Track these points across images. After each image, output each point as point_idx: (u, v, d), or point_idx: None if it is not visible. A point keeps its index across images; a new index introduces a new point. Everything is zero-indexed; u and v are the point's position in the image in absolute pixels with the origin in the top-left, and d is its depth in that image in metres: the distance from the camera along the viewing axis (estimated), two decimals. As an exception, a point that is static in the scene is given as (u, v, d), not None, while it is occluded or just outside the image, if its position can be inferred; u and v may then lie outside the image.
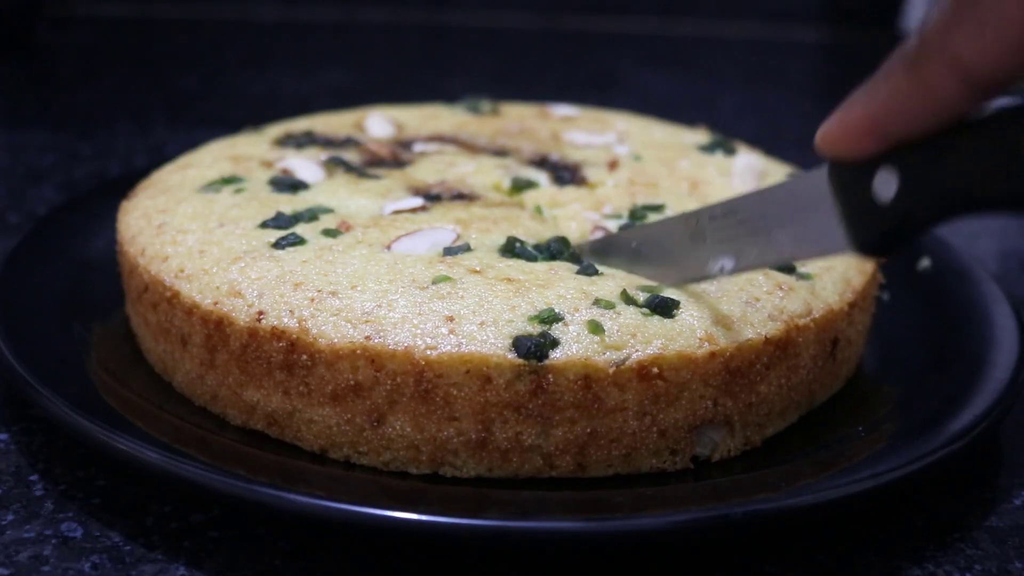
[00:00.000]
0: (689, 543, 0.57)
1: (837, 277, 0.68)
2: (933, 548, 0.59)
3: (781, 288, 0.64)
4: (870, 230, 0.50)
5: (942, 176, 0.46)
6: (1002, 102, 0.44)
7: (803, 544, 0.58)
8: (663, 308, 0.60)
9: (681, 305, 0.61)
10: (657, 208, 0.73)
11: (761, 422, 0.63)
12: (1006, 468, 0.67)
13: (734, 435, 0.61)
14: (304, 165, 0.76)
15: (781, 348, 0.62)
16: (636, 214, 0.72)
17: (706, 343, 0.59)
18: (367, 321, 0.59)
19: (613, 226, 0.71)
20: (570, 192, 0.76)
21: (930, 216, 0.48)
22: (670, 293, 0.62)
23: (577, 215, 0.72)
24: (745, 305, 0.62)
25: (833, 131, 0.49)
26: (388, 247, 0.65)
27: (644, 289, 0.62)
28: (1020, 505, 0.63)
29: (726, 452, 0.62)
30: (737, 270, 0.59)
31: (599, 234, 0.70)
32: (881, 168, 0.48)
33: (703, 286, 0.63)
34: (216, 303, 0.62)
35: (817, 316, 0.64)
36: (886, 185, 0.48)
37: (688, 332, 0.59)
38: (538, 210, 0.73)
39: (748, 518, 0.54)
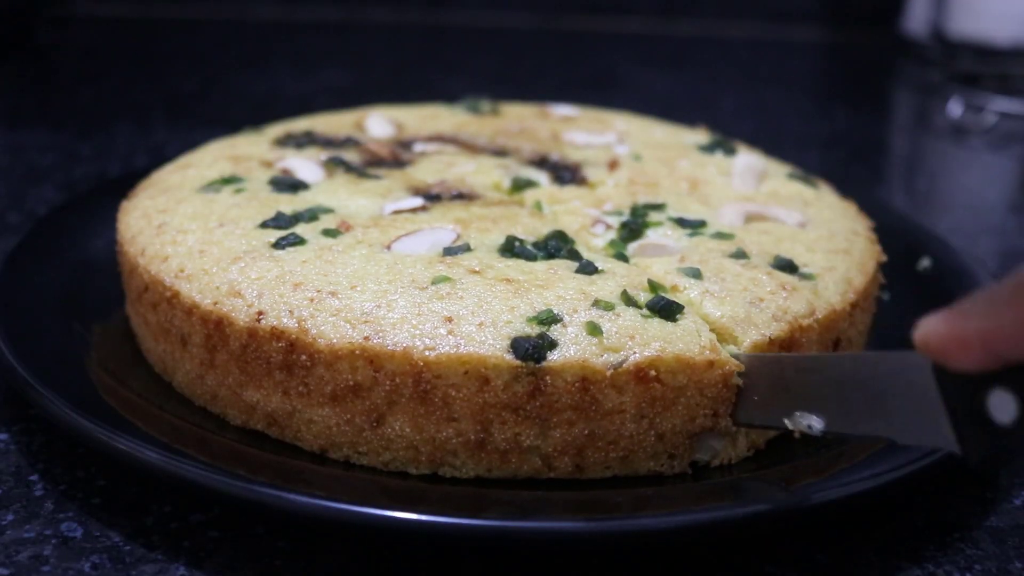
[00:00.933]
0: (689, 543, 0.57)
1: (839, 277, 0.68)
2: (933, 548, 0.59)
3: (784, 288, 0.64)
4: (984, 446, 0.47)
5: None
6: None
7: (803, 544, 0.58)
8: (666, 311, 0.60)
9: (685, 310, 0.61)
10: (658, 207, 0.73)
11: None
12: (1006, 468, 0.67)
13: (736, 443, 0.61)
14: (304, 165, 0.76)
15: (785, 348, 0.62)
16: (637, 212, 0.72)
17: (707, 351, 0.58)
18: (366, 321, 0.59)
19: (614, 222, 0.71)
20: (570, 191, 0.76)
21: None
22: (675, 297, 0.62)
23: (577, 211, 0.72)
24: (749, 305, 0.62)
25: (940, 337, 0.45)
26: (388, 247, 0.65)
27: (651, 287, 0.62)
28: (1020, 505, 0.63)
29: (727, 459, 0.61)
30: (827, 432, 0.55)
31: (600, 228, 0.70)
32: (996, 388, 0.46)
33: (707, 284, 0.63)
34: (216, 303, 0.62)
35: (820, 316, 0.64)
36: (1003, 407, 0.46)
37: (689, 337, 0.59)
38: (538, 206, 0.73)
39: (748, 518, 0.54)
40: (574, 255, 0.65)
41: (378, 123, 0.87)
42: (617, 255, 0.67)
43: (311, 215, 0.69)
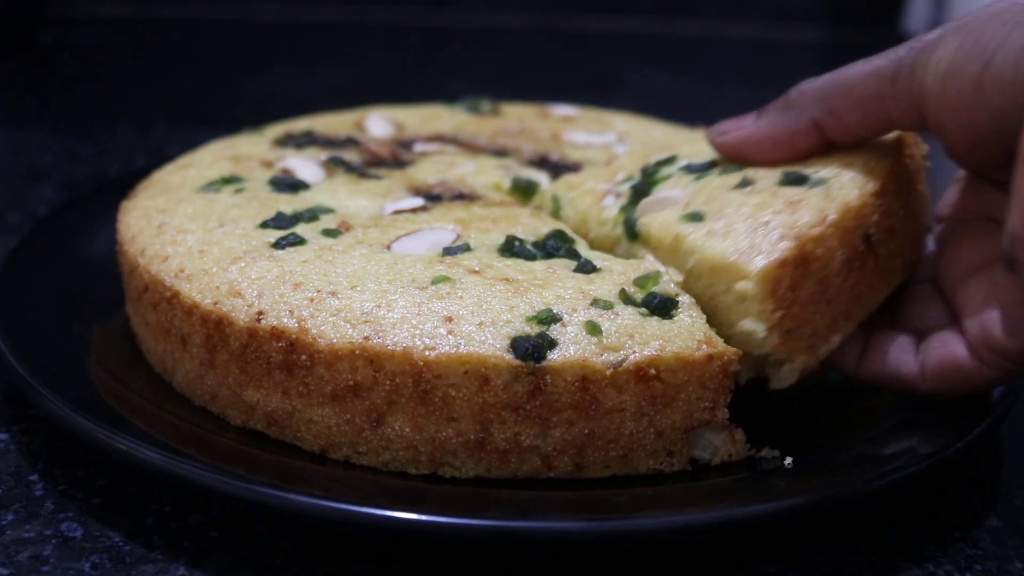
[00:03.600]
0: (689, 543, 0.57)
1: (857, 170, 0.63)
2: (933, 548, 0.59)
3: (791, 204, 0.62)
4: None
5: None
6: None
7: (803, 544, 0.58)
8: (662, 308, 0.60)
9: (680, 305, 0.60)
10: (669, 161, 0.70)
11: (809, 344, 0.61)
12: (1006, 468, 0.67)
13: (735, 439, 0.61)
14: (304, 165, 0.77)
15: (801, 265, 0.59)
16: (647, 172, 0.70)
17: (704, 345, 0.58)
18: (366, 321, 0.59)
19: (625, 189, 0.69)
20: (586, 173, 0.74)
21: None
22: (667, 290, 0.62)
23: (592, 190, 0.71)
24: (753, 233, 0.60)
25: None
26: (388, 247, 0.65)
27: (640, 285, 0.62)
28: (1020, 505, 0.63)
29: (727, 456, 0.61)
30: None
31: (609, 199, 0.69)
32: None
33: (710, 223, 0.62)
34: (216, 303, 0.62)
35: (833, 219, 0.61)
36: None
37: (686, 333, 0.59)
38: (555, 200, 0.72)
39: (748, 518, 0.54)
40: (572, 254, 0.65)
41: (378, 123, 0.87)
42: (626, 220, 0.66)
43: (311, 215, 0.69)
